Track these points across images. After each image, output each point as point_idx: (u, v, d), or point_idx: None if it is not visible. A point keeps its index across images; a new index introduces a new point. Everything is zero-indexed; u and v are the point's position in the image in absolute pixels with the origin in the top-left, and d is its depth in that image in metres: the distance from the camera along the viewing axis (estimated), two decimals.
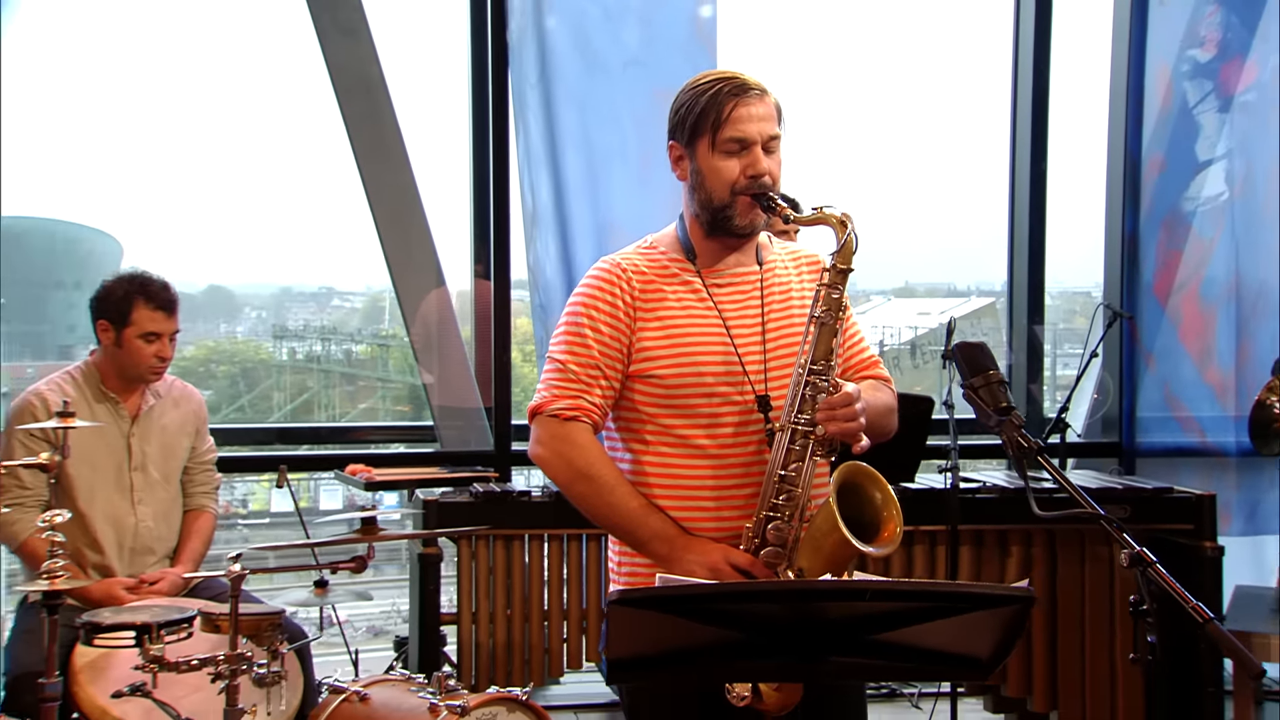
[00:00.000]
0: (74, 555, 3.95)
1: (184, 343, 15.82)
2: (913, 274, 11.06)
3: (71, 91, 9.24)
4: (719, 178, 2.53)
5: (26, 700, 3.47)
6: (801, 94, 9.76)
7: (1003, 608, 1.99)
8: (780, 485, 2.45)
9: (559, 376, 2.57)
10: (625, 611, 1.99)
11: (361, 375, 12.98)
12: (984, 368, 2.41)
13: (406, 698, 3.60)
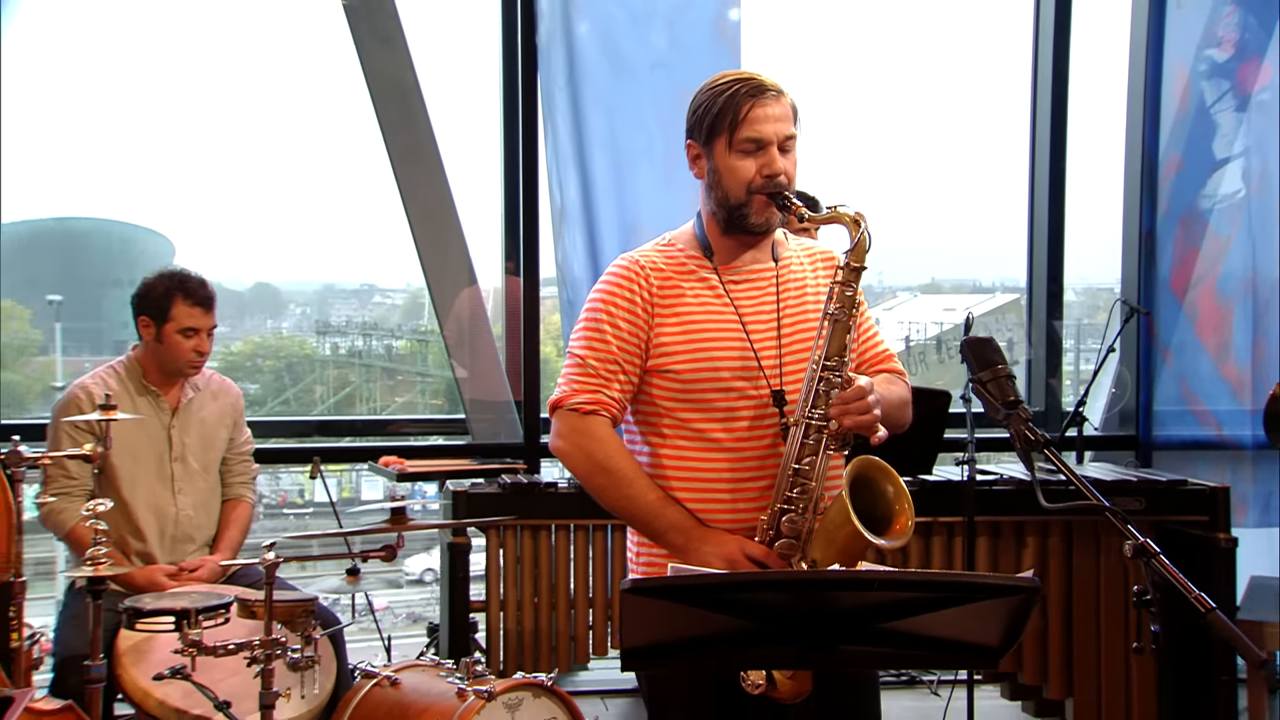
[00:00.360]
0: (118, 543, 4.00)
1: (231, 338, 16.02)
2: (939, 270, 11.01)
3: (129, 100, 9.34)
4: (735, 177, 2.53)
5: (73, 682, 3.51)
6: (828, 94, 9.73)
7: (1009, 597, 2.00)
8: (794, 479, 2.45)
9: (579, 371, 2.58)
10: (638, 600, 2.00)
11: (401, 370, 13.06)
12: (992, 362, 2.40)
13: (436, 682, 3.62)
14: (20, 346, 16.07)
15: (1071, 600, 4.35)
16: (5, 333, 16.72)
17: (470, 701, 3.45)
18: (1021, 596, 1.99)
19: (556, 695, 3.59)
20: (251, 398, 14.60)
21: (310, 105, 6.70)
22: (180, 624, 3.34)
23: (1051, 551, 4.35)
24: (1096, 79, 6.06)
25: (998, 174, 6.63)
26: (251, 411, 14.59)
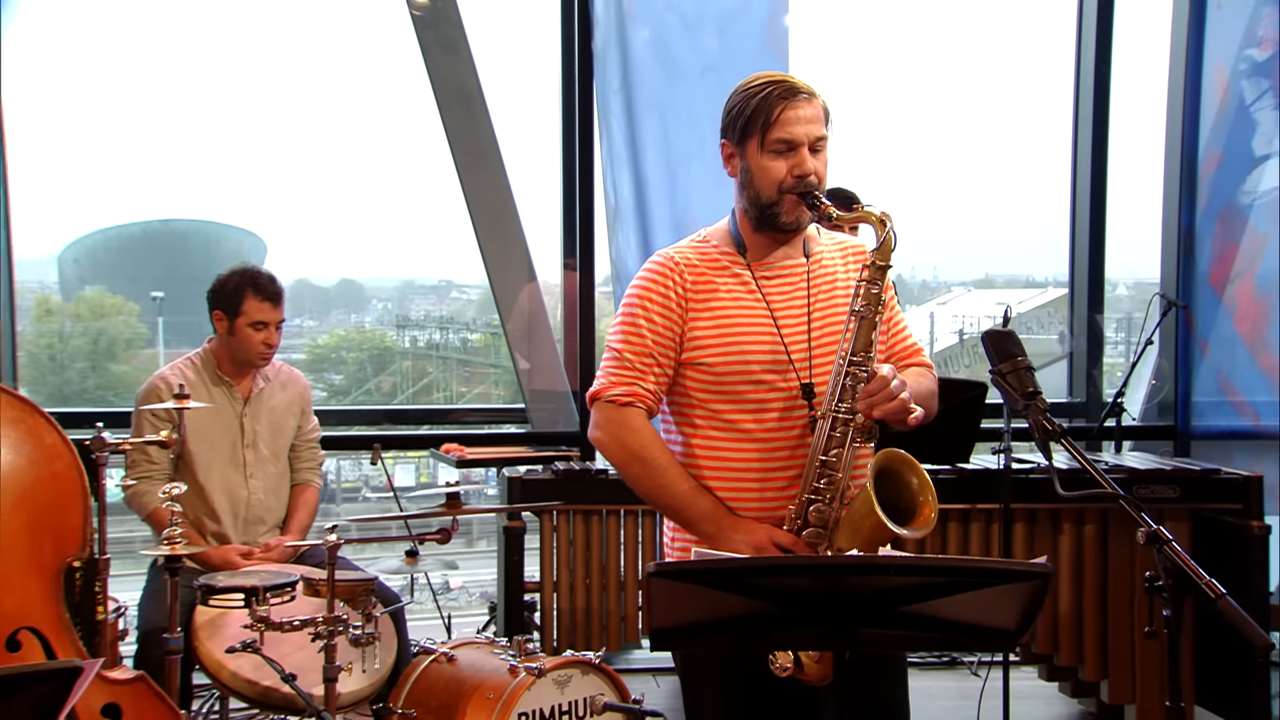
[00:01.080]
0: (194, 523, 4.06)
1: (318, 331, 16.09)
2: (993, 266, 10.90)
3: (228, 112, 9.54)
4: (767, 177, 2.50)
5: (154, 653, 3.56)
6: (881, 96, 9.63)
7: (1024, 582, 1.97)
8: (821, 470, 2.43)
9: (616, 364, 2.57)
10: (663, 584, 2.00)
11: (476, 361, 13.14)
12: (1011, 355, 2.36)
13: (489, 659, 3.63)
14: (128, 339, 16.42)
15: (1107, 584, 4.28)
16: (115, 326, 17.12)
17: (521, 678, 3.45)
18: (1035, 581, 1.96)
19: (604, 673, 3.59)
20: (336, 388, 14.81)
21: (389, 111, 6.77)
22: (249, 601, 3.39)
23: (1086, 538, 4.28)
24: (1138, 79, 5.97)
25: (1047, 172, 6.53)
26: (336, 400, 14.79)
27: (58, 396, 16.89)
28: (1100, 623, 4.30)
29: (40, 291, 19.34)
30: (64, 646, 2.67)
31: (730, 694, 2.51)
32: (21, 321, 17.14)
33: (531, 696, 3.45)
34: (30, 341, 17.21)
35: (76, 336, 17.16)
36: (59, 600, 2.74)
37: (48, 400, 16.19)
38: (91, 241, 21.60)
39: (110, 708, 2.67)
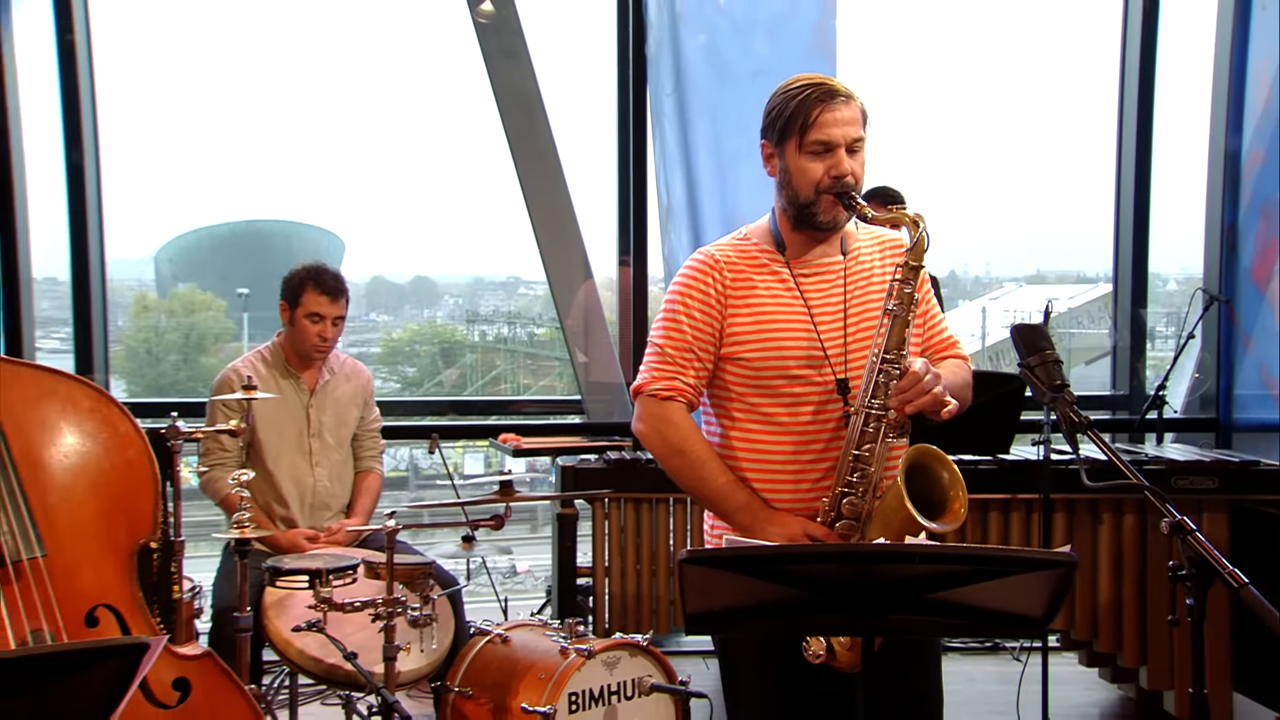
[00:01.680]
0: (264, 508, 4.10)
1: (393, 326, 16.28)
2: (1044, 262, 10.76)
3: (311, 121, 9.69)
4: (805, 177, 2.46)
5: (225, 631, 3.61)
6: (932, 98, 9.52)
7: (1048, 571, 1.93)
8: (855, 464, 2.40)
9: (657, 359, 2.56)
10: (696, 570, 1.98)
11: (542, 354, 13.20)
12: (1039, 348, 2.32)
13: (542, 640, 3.64)
14: (216, 334, 16.72)
15: (1146, 573, 4.22)
16: (204, 321, 17.38)
17: (571, 659, 3.46)
18: (1060, 570, 1.92)
19: (652, 655, 3.58)
20: (409, 379, 14.97)
21: (459, 116, 6.82)
22: (314, 582, 3.42)
23: (1126, 527, 4.22)
24: (1183, 78, 5.84)
25: (1097, 170, 6.42)
26: (409, 391, 14.95)
27: (153, 387, 17.22)
28: (1139, 610, 4.24)
29: (139, 289, 19.74)
30: (138, 623, 2.69)
31: (767, 679, 2.49)
32: (121, 317, 17.52)
33: (581, 677, 3.45)
34: (129, 336, 17.58)
35: (170, 331, 17.50)
36: (133, 580, 2.76)
37: (144, 391, 16.58)
38: (184, 242, 22.01)
39: (180, 681, 2.69)
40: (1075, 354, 9.80)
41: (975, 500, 4.22)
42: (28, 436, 2.67)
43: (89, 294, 5.29)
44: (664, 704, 3.59)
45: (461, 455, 11.71)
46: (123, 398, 7.57)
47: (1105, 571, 4.24)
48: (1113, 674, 4.64)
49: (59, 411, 2.74)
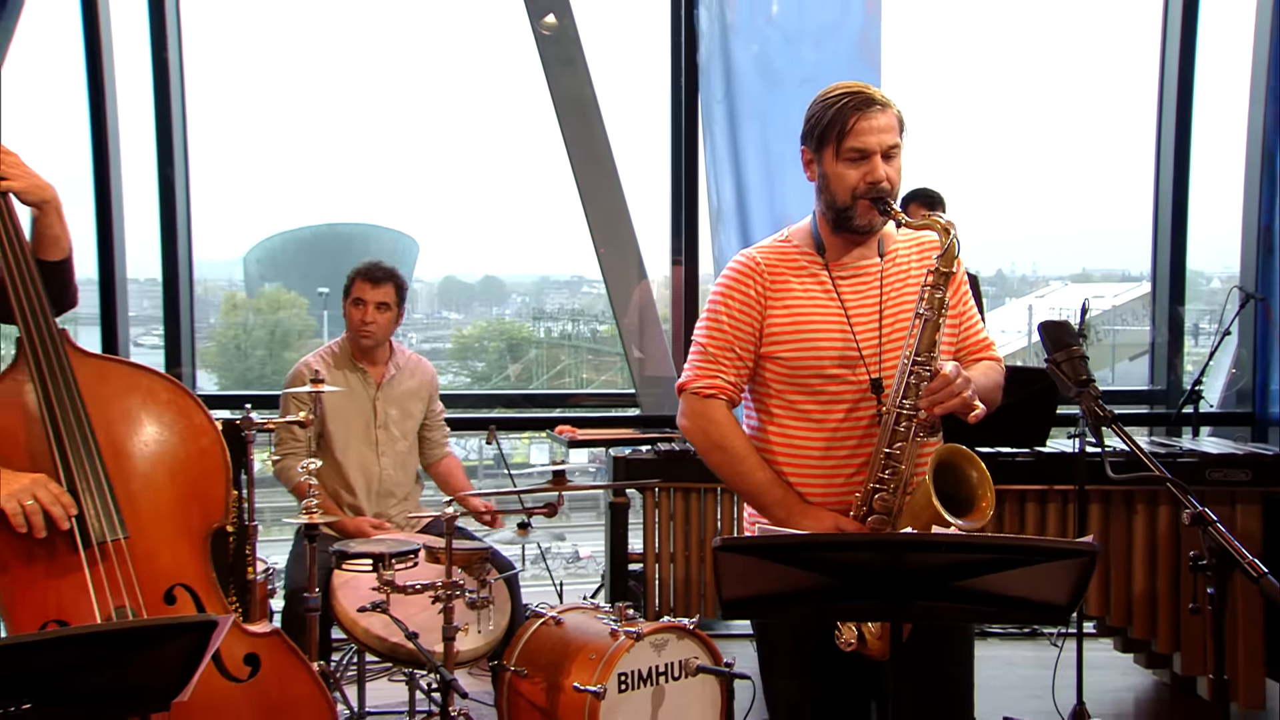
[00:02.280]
0: (333, 495, 4.15)
1: (463, 323, 16.44)
2: (1089, 261, 10.59)
3: (385, 126, 9.83)
4: (841, 183, 2.44)
5: (296, 610, 3.66)
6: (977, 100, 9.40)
7: (1072, 559, 1.90)
8: (886, 461, 2.38)
9: (700, 358, 2.56)
10: (731, 557, 1.97)
11: (604, 350, 13.23)
12: (1066, 344, 2.28)
13: (593, 623, 3.65)
14: (299, 330, 16.91)
15: (1179, 562, 4.16)
16: (288, 319, 17.61)
17: (621, 641, 3.46)
18: (1082, 559, 1.89)
19: (698, 638, 3.58)
20: (478, 374, 15.08)
21: (524, 123, 6.87)
22: (377, 566, 3.46)
23: (1160, 517, 4.17)
24: (1222, 80, 5.71)
25: (1139, 171, 6.31)
26: (480, 385, 15.02)
27: (241, 381, 17.51)
28: (1173, 598, 4.18)
29: (229, 288, 20.08)
30: (212, 602, 2.73)
31: (801, 665, 2.48)
32: (213, 315, 17.79)
33: (630, 658, 3.46)
34: (220, 333, 17.88)
35: (257, 328, 17.79)
36: (207, 561, 2.80)
37: (233, 384, 16.81)
38: (271, 244, 22.34)
39: (251, 657, 2.72)
40: (1119, 350, 9.62)
41: (1012, 491, 4.19)
42: (112, 427, 2.71)
43: (177, 294, 5.39)
44: (709, 685, 3.59)
45: (528, 446, 11.77)
46: (213, 391, 7.71)
47: (1140, 560, 4.18)
48: (1147, 659, 4.59)
49: (140, 404, 2.78)
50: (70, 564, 2.56)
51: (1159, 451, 4.33)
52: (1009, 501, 4.19)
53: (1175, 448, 4.42)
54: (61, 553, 2.56)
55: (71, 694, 1.86)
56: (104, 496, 2.60)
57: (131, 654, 1.91)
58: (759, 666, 2.60)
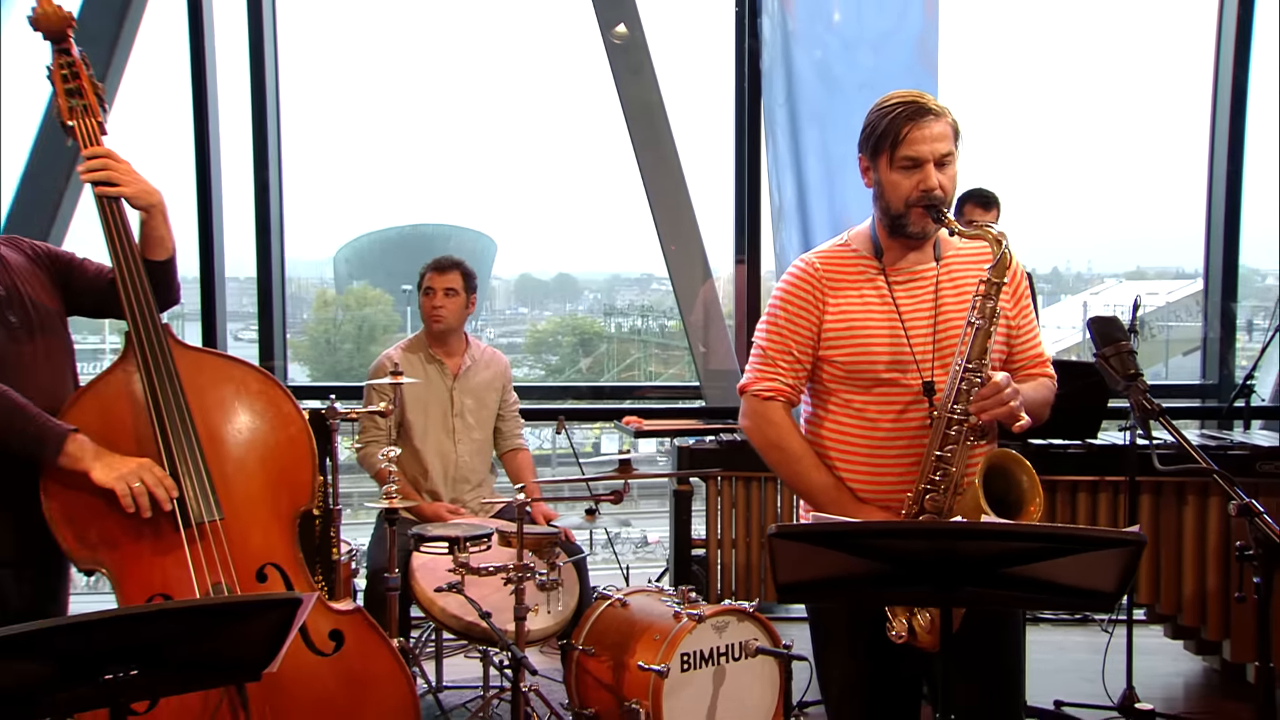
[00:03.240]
0: (412, 481, 4.19)
1: (538, 318, 16.54)
2: (1144, 259, 10.39)
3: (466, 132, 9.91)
4: (896, 191, 2.41)
5: (377, 590, 3.70)
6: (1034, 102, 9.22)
7: (1119, 548, 1.87)
8: (937, 463, 2.35)
9: (759, 361, 2.55)
10: (785, 544, 1.97)
11: (672, 345, 13.23)
12: (1114, 339, 2.24)
13: (657, 605, 3.65)
14: (385, 325, 17.16)
15: (1229, 551, 4.07)
16: (374, 315, 17.87)
17: (684, 622, 3.47)
18: (1128, 548, 1.86)
19: (758, 620, 3.57)
20: (552, 367, 15.18)
21: (595, 128, 6.90)
22: (453, 548, 3.50)
23: (1210, 507, 4.09)
24: (1275, 78, 5.55)
25: (1193, 170, 6.16)
26: (553, 377, 15.12)
27: (331, 373, 17.78)
28: (1223, 587, 4.10)
29: (320, 286, 20.43)
30: (299, 581, 2.78)
31: (854, 648, 2.46)
32: (305, 311, 18.08)
33: (692, 639, 3.46)
34: (312, 328, 18.20)
35: (346, 323, 18.07)
36: (295, 542, 2.85)
37: (324, 375, 17.07)
38: (358, 244, 22.67)
39: (335, 633, 2.77)
40: (1172, 346, 9.42)
41: (1065, 482, 4.14)
42: (209, 415, 2.77)
43: (271, 291, 5.49)
44: (768, 665, 3.58)
45: (599, 436, 11.82)
46: (304, 382, 7.82)
47: (1190, 550, 4.11)
48: (1197, 646, 4.51)
49: (234, 393, 2.84)
50: (173, 543, 2.63)
51: (1209, 444, 4.24)
52: (1061, 492, 4.13)
53: (1226, 440, 4.34)
54: (165, 532, 2.63)
55: (173, 662, 1.91)
56: (202, 480, 2.67)
57: (226, 627, 1.96)
58: (812, 651, 2.59)
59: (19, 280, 2.66)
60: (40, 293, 2.70)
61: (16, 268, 2.68)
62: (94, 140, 2.69)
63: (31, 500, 2.56)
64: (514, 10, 20.26)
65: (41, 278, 2.72)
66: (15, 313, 2.62)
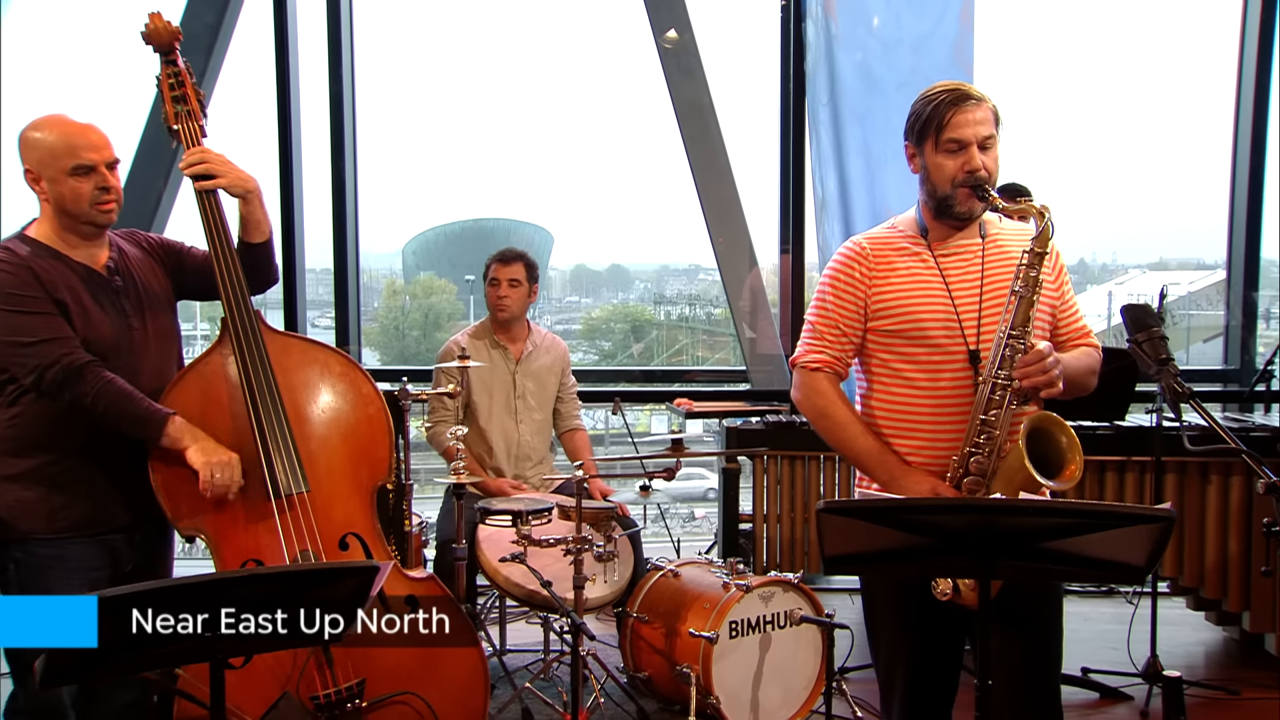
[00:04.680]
0: (477, 459, 4.23)
1: (592, 307, 16.61)
2: (1167, 250, 10.20)
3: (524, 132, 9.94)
4: (941, 173, 2.40)
5: (446, 559, 3.74)
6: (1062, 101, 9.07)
7: (1150, 524, 1.86)
8: (982, 427, 2.33)
9: (810, 336, 2.54)
10: (832, 519, 1.97)
11: (718, 332, 13.21)
12: (1147, 325, 2.22)
13: (707, 576, 3.67)
14: (449, 313, 17.29)
15: (1251, 527, 4.04)
16: (439, 303, 18.00)
17: (732, 592, 3.49)
18: (1160, 524, 1.84)
19: (802, 591, 3.58)
20: (605, 352, 15.21)
21: (647, 127, 6.90)
22: (516, 521, 3.53)
23: (1232, 486, 4.06)
24: None
25: (1214, 166, 6.05)
26: (606, 362, 15.15)
27: (399, 357, 17.95)
28: (1244, 560, 4.06)
29: (389, 276, 20.62)
30: (377, 550, 2.82)
31: (899, 610, 2.46)
32: (375, 300, 18.24)
33: (740, 608, 3.48)
34: (382, 315, 18.38)
35: (413, 311, 18.22)
36: (373, 514, 2.89)
37: (393, 360, 17.25)
38: (425, 237, 22.83)
39: (410, 598, 2.81)
40: (1193, 333, 9.27)
41: (1094, 461, 4.09)
42: (296, 395, 2.82)
43: (345, 281, 5.56)
44: (811, 633, 3.59)
45: (649, 417, 11.83)
46: (375, 366, 7.92)
47: (1212, 526, 4.07)
48: (1218, 617, 4.46)
49: (318, 375, 2.89)
50: (264, 512, 2.69)
51: (1232, 426, 4.18)
52: (1090, 471, 4.10)
53: (1248, 423, 4.31)
54: (258, 503, 2.69)
55: (266, 621, 1.96)
56: (290, 456, 2.72)
57: (313, 591, 2.00)
58: (863, 609, 2.58)
59: (136, 271, 2.74)
60: (153, 282, 2.77)
61: (134, 259, 2.75)
62: (196, 142, 2.75)
63: (141, 474, 2.64)
64: (570, 17, 20.41)
65: (154, 267, 2.80)
66: (131, 301, 2.69)
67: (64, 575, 2.57)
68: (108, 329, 2.63)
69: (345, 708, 2.63)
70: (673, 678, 3.52)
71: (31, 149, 2.59)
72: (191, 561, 5.20)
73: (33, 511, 2.59)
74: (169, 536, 2.82)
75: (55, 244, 2.63)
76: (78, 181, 2.57)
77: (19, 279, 2.53)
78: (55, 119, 2.60)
